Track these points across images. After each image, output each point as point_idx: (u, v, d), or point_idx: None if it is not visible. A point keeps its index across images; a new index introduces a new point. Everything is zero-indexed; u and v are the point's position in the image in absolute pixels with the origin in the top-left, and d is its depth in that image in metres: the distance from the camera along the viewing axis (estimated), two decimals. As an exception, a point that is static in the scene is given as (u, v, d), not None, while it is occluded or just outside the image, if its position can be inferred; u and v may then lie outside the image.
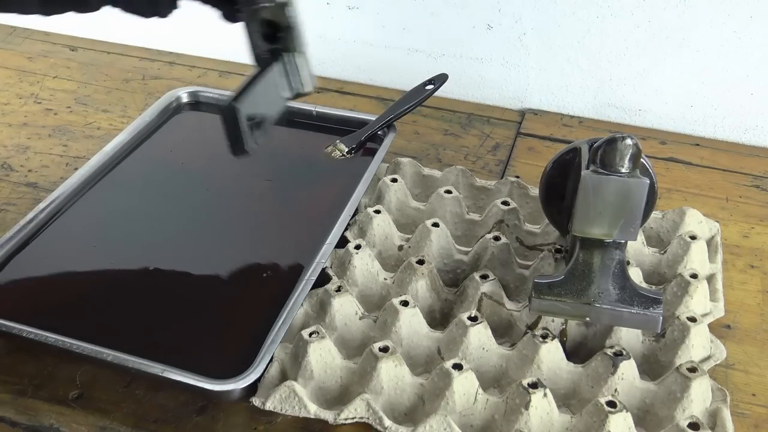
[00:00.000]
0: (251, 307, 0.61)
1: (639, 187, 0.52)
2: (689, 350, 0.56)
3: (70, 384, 0.56)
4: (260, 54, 0.64)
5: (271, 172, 0.76)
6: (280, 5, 0.63)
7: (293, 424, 0.54)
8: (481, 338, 0.56)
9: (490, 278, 0.61)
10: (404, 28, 0.93)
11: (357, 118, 0.81)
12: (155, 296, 0.62)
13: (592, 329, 0.59)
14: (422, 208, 0.71)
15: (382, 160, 0.75)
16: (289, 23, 0.63)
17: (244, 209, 0.71)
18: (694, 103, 0.87)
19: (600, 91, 0.90)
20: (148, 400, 0.55)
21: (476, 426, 0.53)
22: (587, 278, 0.55)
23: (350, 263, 0.62)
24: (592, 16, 0.86)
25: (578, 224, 0.53)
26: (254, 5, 0.62)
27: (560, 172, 0.61)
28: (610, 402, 0.51)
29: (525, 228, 0.68)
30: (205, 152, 0.78)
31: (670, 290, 0.61)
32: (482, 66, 0.93)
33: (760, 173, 0.81)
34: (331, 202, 0.70)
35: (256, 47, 0.64)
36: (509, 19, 0.89)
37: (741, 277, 0.67)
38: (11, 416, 0.54)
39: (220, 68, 0.99)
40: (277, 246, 0.66)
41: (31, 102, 0.90)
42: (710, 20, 0.82)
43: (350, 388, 0.55)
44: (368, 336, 0.59)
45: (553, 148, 0.84)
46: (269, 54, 0.64)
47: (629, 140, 0.51)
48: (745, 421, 0.55)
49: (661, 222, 0.69)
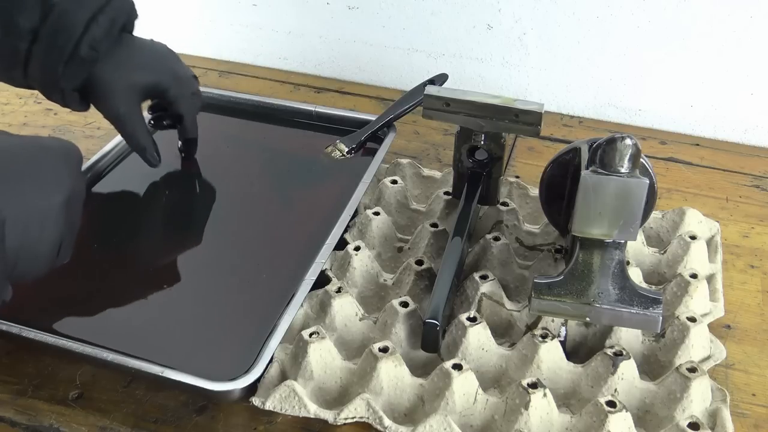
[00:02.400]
0: (251, 307, 0.61)
1: (639, 187, 0.52)
2: (689, 350, 0.56)
3: (70, 384, 0.56)
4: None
5: (271, 172, 0.76)
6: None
7: (293, 424, 0.54)
8: (480, 338, 0.56)
9: (490, 278, 0.61)
10: (404, 28, 0.93)
11: (357, 118, 0.81)
12: (155, 296, 0.62)
13: (592, 329, 0.59)
14: (422, 210, 0.71)
15: (382, 161, 0.75)
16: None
17: (244, 209, 0.71)
18: (694, 103, 0.87)
19: (600, 91, 0.90)
20: (148, 400, 0.55)
21: (476, 426, 0.53)
22: (587, 278, 0.55)
23: (350, 264, 0.62)
24: (592, 16, 0.86)
25: (578, 224, 0.53)
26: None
27: (560, 172, 0.61)
28: (610, 402, 0.51)
29: (524, 228, 0.69)
30: (205, 152, 0.78)
31: (670, 290, 0.61)
32: (482, 66, 0.93)
33: (760, 173, 0.81)
34: (330, 202, 0.70)
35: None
36: (509, 19, 0.89)
37: (741, 277, 0.67)
38: (11, 416, 0.54)
39: (220, 68, 0.99)
40: (276, 246, 0.66)
41: (31, 102, 0.90)
42: (710, 20, 0.82)
43: (350, 388, 0.55)
44: (368, 337, 0.59)
45: (553, 148, 0.84)
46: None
47: (629, 140, 0.51)
48: (745, 421, 0.55)
49: (661, 222, 0.69)
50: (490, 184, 0.68)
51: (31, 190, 0.49)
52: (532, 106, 0.62)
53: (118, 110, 0.68)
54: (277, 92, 0.94)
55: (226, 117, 0.82)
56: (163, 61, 0.71)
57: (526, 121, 0.62)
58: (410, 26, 0.93)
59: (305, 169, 0.76)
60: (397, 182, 0.71)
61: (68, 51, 0.63)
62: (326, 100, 0.92)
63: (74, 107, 0.68)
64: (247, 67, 1.00)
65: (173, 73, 0.71)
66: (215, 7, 1.00)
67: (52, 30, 0.62)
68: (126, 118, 0.68)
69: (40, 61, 0.63)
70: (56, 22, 0.62)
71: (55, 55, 0.63)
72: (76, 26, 0.63)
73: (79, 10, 0.63)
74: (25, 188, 0.49)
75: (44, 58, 0.63)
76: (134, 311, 0.60)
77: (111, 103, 0.67)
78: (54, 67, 0.63)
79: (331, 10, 0.95)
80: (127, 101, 0.68)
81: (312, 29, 0.97)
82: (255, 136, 0.81)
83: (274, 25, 0.98)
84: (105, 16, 0.64)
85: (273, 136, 0.82)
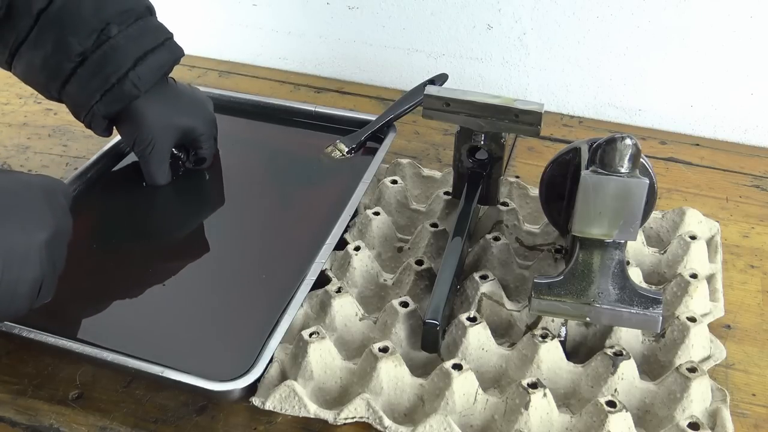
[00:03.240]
0: (251, 307, 0.60)
1: (639, 187, 0.52)
2: (689, 350, 0.56)
3: (70, 384, 0.56)
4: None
5: (271, 171, 0.76)
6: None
7: (293, 424, 0.54)
8: (480, 338, 0.56)
9: (490, 278, 0.61)
10: (404, 28, 0.93)
11: (357, 118, 0.81)
12: (155, 296, 0.62)
13: (592, 329, 0.59)
14: (422, 210, 0.71)
15: (382, 160, 0.75)
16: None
17: (244, 209, 0.71)
18: (694, 103, 0.87)
19: (600, 91, 0.90)
20: (148, 400, 0.55)
21: (476, 426, 0.53)
22: (587, 278, 0.55)
23: (350, 265, 0.62)
24: (592, 16, 0.86)
25: (578, 224, 0.53)
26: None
27: (560, 172, 0.61)
28: (610, 402, 0.51)
29: (524, 228, 0.69)
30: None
31: (670, 290, 0.61)
32: (482, 66, 0.93)
33: (760, 173, 0.81)
34: (330, 202, 0.70)
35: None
36: (509, 19, 0.89)
37: (741, 277, 0.67)
38: (11, 416, 0.54)
39: (220, 68, 0.99)
40: (276, 246, 0.66)
41: (31, 102, 0.90)
42: (710, 20, 0.82)
43: (350, 388, 0.55)
44: (368, 337, 0.59)
45: (553, 148, 0.84)
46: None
47: (629, 140, 0.51)
48: (745, 421, 0.55)
49: (661, 222, 0.69)
50: (490, 184, 0.68)
51: (12, 228, 0.48)
52: (532, 106, 0.62)
53: (152, 148, 0.69)
54: (277, 92, 0.94)
55: (226, 117, 0.82)
56: (201, 107, 0.73)
57: (526, 121, 0.62)
58: (410, 26, 0.93)
59: (305, 168, 0.76)
60: (397, 182, 0.71)
61: (112, 82, 0.65)
62: (326, 100, 0.92)
63: (98, 132, 0.70)
64: (247, 67, 1.00)
65: (210, 120, 0.73)
66: (215, 7, 1.00)
67: (101, 58, 0.64)
68: (155, 157, 0.70)
69: (81, 84, 0.65)
70: (107, 53, 0.64)
71: (97, 82, 0.65)
72: (126, 61, 0.65)
73: (133, 46, 0.65)
74: (6, 225, 0.48)
75: (86, 81, 0.65)
76: (134, 311, 0.60)
77: (145, 138, 0.69)
78: (92, 93, 0.65)
79: (331, 10, 0.95)
80: (162, 141, 0.70)
81: (312, 29, 0.97)
82: (255, 136, 0.81)
83: (274, 25, 0.98)
84: (154, 58, 0.66)
85: (273, 136, 0.82)
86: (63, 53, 0.64)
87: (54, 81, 0.65)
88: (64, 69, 0.64)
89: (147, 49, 0.66)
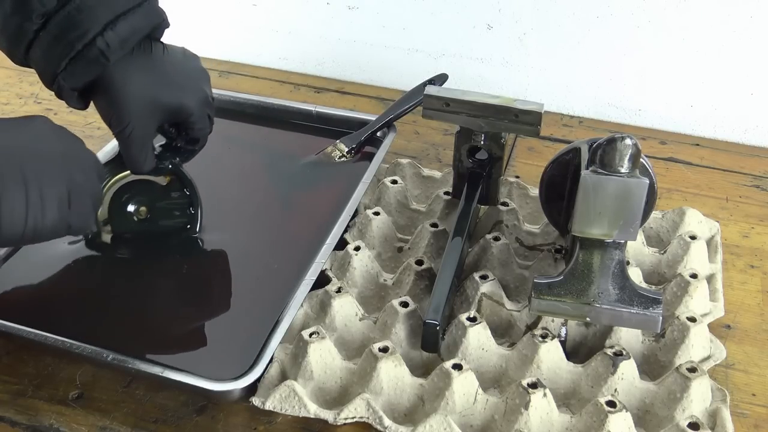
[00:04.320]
0: (251, 307, 0.61)
1: (639, 187, 0.52)
2: (689, 350, 0.56)
3: (70, 384, 0.56)
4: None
5: (271, 172, 0.76)
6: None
7: (293, 424, 0.54)
8: (480, 338, 0.56)
9: (490, 278, 0.61)
10: (404, 28, 0.93)
11: (357, 118, 0.81)
12: (155, 296, 0.62)
13: (592, 329, 0.59)
14: (422, 210, 0.71)
15: (382, 161, 0.75)
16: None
17: (244, 209, 0.71)
18: (694, 103, 0.87)
19: (600, 91, 0.90)
20: (148, 400, 0.55)
21: (476, 426, 0.53)
22: (587, 278, 0.55)
23: (350, 265, 0.62)
24: (592, 16, 0.86)
25: (578, 224, 0.53)
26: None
27: (560, 172, 0.61)
28: (610, 402, 0.51)
29: (524, 228, 0.69)
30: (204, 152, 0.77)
31: (670, 290, 0.61)
32: (482, 66, 0.93)
33: (760, 173, 0.81)
34: (330, 202, 0.70)
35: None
36: (509, 19, 0.89)
37: (741, 277, 0.67)
38: (11, 416, 0.54)
39: (220, 68, 0.99)
40: (276, 246, 0.66)
41: (31, 102, 0.90)
42: (710, 20, 0.82)
43: (350, 388, 0.55)
44: (368, 337, 0.59)
45: (553, 148, 0.84)
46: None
47: (629, 140, 0.51)
48: (745, 421, 0.55)
49: (661, 222, 0.69)
50: (490, 184, 0.68)
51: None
52: (532, 106, 0.62)
53: (131, 129, 0.59)
54: (277, 92, 0.94)
55: (226, 117, 0.82)
56: (193, 81, 0.63)
57: (526, 121, 0.62)
58: (410, 26, 0.93)
59: (305, 169, 0.76)
60: (397, 182, 0.71)
61: (77, 48, 0.56)
62: (326, 100, 0.92)
63: (71, 104, 0.60)
64: (247, 67, 1.00)
65: (202, 95, 0.63)
66: (215, 7, 1.00)
67: (65, 22, 0.55)
68: (135, 140, 0.60)
69: (43, 49, 0.56)
70: (72, 15, 0.55)
71: (60, 48, 0.56)
72: (93, 24, 0.55)
73: (102, 8, 0.56)
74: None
75: (48, 48, 0.56)
76: (134, 311, 0.60)
77: (123, 118, 0.59)
78: (56, 61, 0.57)
79: (331, 10, 0.95)
80: (143, 122, 0.60)
81: (312, 29, 0.97)
82: (255, 136, 0.81)
83: (274, 25, 0.98)
84: (126, 23, 0.56)
85: (273, 136, 0.82)
86: (23, 13, 0.55)
87: (17, 46, 0.57)
88: (25, 31, 0.56)
89: (119, 12, 0.56)
